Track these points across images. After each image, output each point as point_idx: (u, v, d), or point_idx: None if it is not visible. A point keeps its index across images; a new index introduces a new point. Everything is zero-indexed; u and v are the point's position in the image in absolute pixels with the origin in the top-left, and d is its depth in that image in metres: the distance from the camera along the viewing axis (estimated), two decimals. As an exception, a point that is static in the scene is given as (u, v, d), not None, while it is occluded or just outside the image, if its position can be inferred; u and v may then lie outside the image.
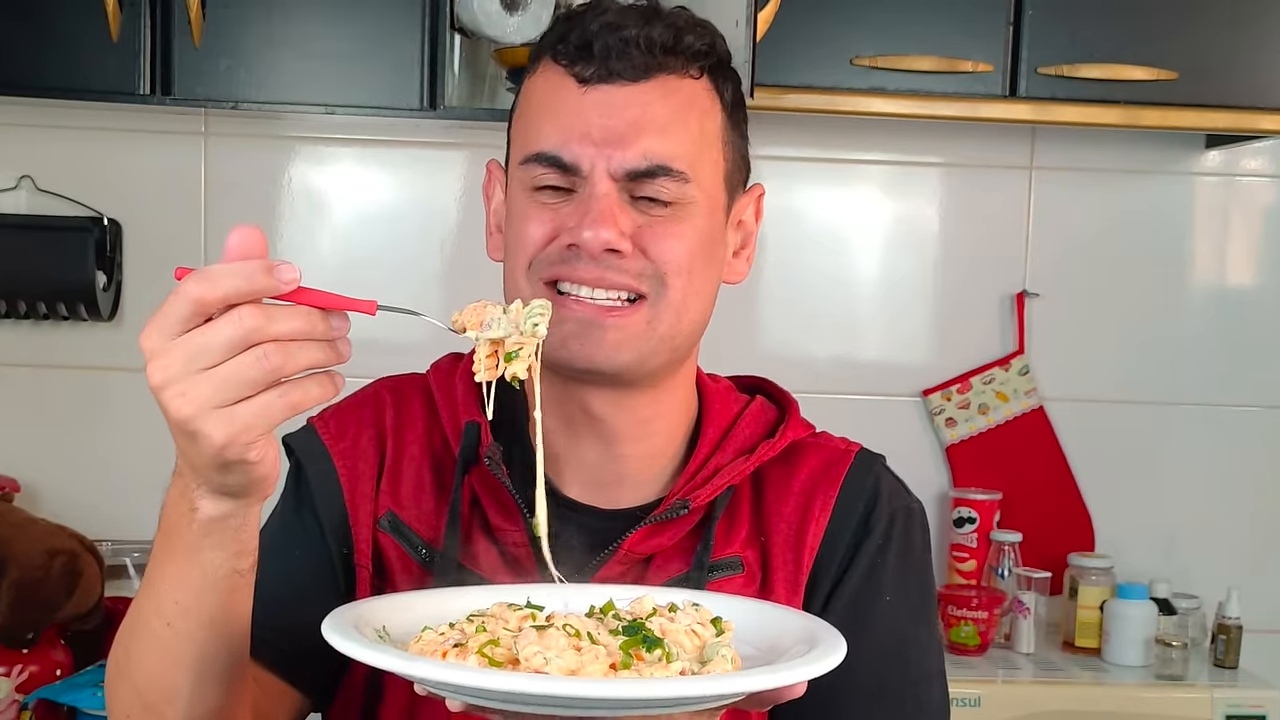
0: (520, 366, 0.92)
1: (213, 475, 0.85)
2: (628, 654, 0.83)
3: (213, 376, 0.80)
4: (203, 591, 0.91)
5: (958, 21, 2.24)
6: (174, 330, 0.81)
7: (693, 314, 1.08)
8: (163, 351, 0.81)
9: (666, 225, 1.05)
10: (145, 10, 2.07)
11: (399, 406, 1.17)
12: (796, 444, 1.15)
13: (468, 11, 2.09)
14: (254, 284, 0.80)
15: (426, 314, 0.93)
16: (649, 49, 1.04)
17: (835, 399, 2.55)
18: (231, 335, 0.80)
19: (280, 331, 0.80)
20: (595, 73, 1.04)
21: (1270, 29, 2.29)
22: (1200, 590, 2.48)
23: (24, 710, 2.03)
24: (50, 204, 2.41)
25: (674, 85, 1.05)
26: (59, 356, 2.45)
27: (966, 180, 2.61)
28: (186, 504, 0.88)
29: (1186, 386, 2.62)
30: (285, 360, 0.81)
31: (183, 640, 0.92)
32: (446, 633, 0.86)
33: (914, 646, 1.12)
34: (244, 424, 0.81)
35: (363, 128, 2.48)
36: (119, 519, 2.42)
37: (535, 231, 1.05)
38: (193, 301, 0.80)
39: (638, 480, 1.13)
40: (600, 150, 1.03)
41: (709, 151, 1.07)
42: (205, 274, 0.80)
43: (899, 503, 1.15)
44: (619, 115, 1.04)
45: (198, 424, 0.81)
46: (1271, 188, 2.64)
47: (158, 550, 0.93)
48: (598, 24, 1.05)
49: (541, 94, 1.08)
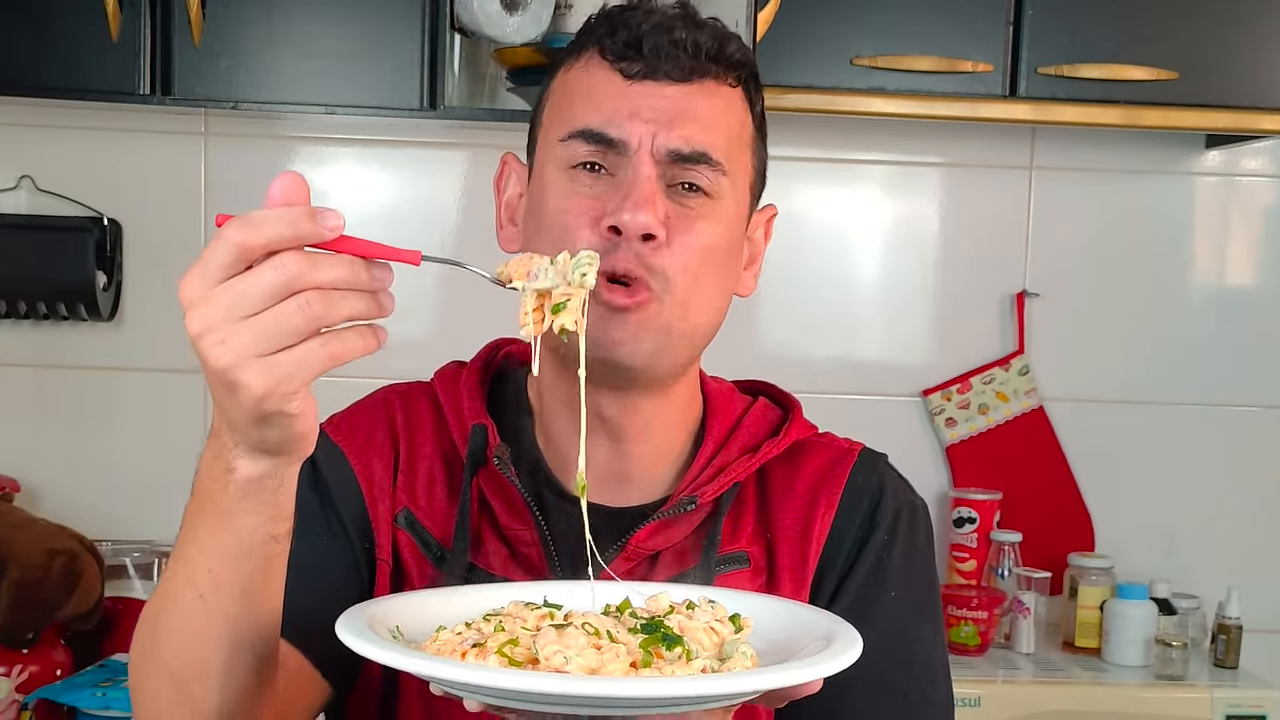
0: (568, 318, 0.90)
1: (251, 430, 0.82)
2: (648, 652, 0.83)
3: (254, 324, 0.78)
4: (238, 559, 0.88)
5: (958, 21, 2.24)
6: (215, 277, 0.78)
7: (702, 316, 1.09)
8: (203, 299, 0.78)
9: (696, 219, 1.06)
10: (145, 10, 2.07)
11: (408, 410, 1.17)
12: (800, 443, 1.16)
13: (468, 11, 2.09)
14: (298, 230, 0.78)
15: (471, 265, 0.91)
16: (695, 53, 1.07)
17: (835, 399, 2.55)
18: (274, 281, 0.78)
19: (323, 279, 0.79)
20: (642, 70, 1.07)
21: (1270, 29, 2.29)
22: (1200, 590, 2.48)
23: (24, 710, 2.03)
24: (50, 204, 2.41)
25: (714, 89, 1.09)
26: (59, 356, 2.45)
27: (966, 180, 2.61)
28: (222, 465, 0.86)
29: (1186, 386, 2.62)
30: (327, 309, 0.79)
31: (214, 613, 0.90)
32: (463, 632, 0.85)
33: (919, 642, 1.13)
34: (284, 373, 0.79)
35: (363, 128, 2.48)
36: (119, 519, 2.43)
37: (574, 217, 1.05)
38: (235, 246, 0.78)
39: (644, 479, 1.14)
40: (648, 128, 1.05)
41: (741, 156, 1.11)
42: (248, 219, 0.78)
43: (903, 499, 1.16)
44: (663, 105, 1.06)
45: (237, 373, 0.79)
46: (1271, 188, 2.64)
47: (190, 518, 0.90)
48: (648, 24, 1.07)
49: (584, 83, 1.09)
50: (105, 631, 2.25)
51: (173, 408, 2.46)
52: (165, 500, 2.43)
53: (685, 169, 1.06)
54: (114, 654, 2.20)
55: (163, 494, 2.46)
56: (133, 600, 2.26)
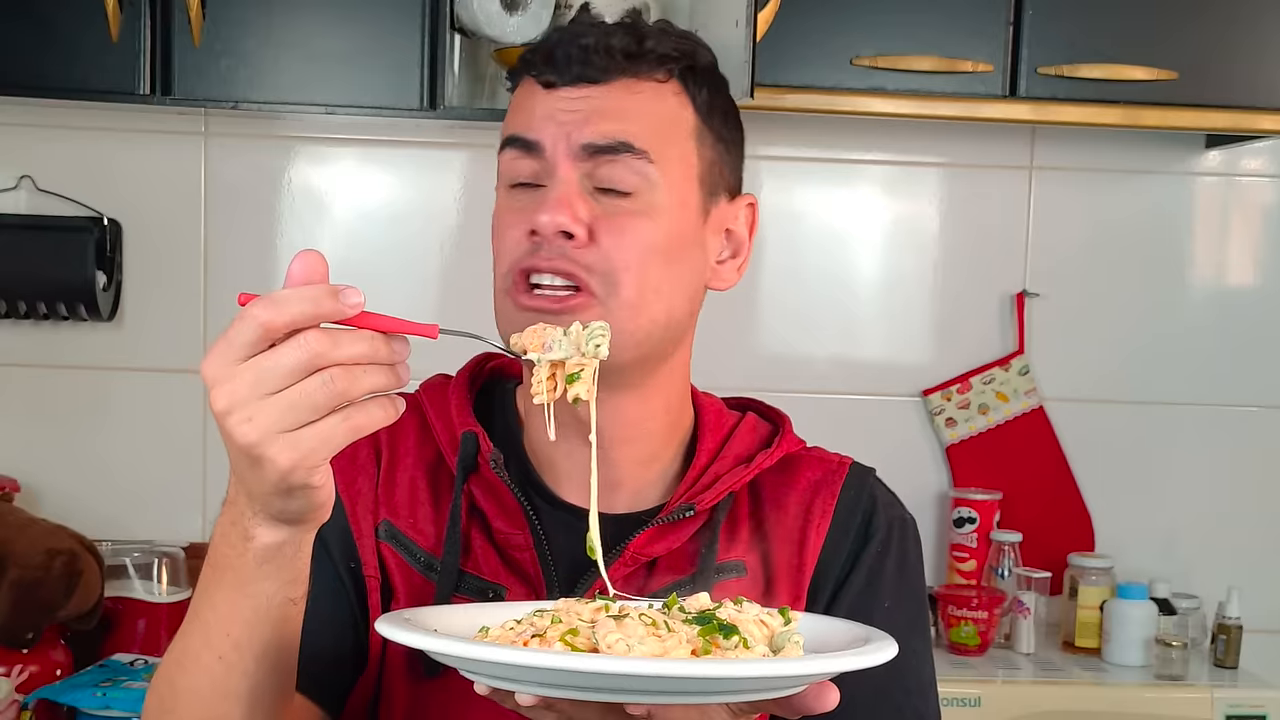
0: (582, 388, 0.96)
1: (273, 501, 0.85)
2: (706, 641, 0.84)
3: (278, 401, 0.80)
4: (255, 624, 0.91)
5: (958, 21, 2.24)
6: (239, 356, 0.80)
7: (658, 313, 1.08)
8: (227, 377, 0.81)
9: (625, 217, 1.06)
10: (145, 10, 2.07)
11: None
12: (791, 456, 1.17)
13: (468, 11, 2.09)
14: (320, 309, 0.81)
15: (487, 338, 0.95)
16: (608, 54, 1.08)
17: (835, 399, 2.55)
18: (298, 360, 0.80)
19: (345, 356, 0.81)
20: (559, 76, 1.09)
21: (1270, 29, 2.29)
22: (1200, 590, 2.48)
23: (24, 710, 2.03)
24: (50, 204, 2.41)
25: (634, 86, 1.09)
26: (59, 356, 2.45)
27: (966, 180, 2.61)
28: (240, 533, 0.88)
29: (1186, 386, 2.62)
30: (350, 385, 0.81)
31: (234, 673, 0.92)
32: (515, 628, 0.86)
33: (911, 656, 1.13)
34: (309, 448, 0.81)
35: (363, 128, 2.48)
36: (119, 519, 2.43)
37: (509, 233, 1.09)
38: (259, 326, 0.80)
39: (633, 484, 1.14)
40: (562, 129, 1.07)
41: (676, 144, 1.09)
42: (272, 299, 0.80)
43: (895, 513, 1.18)
44: (580, 106, 1.08)
45: (263, 448, 0.81)
46: (1271, 188, 2.64)
47: (207, 583, 0.92)
48: (562, 35, 1.10)
49: (514, 101, 1.14)
50: (105, 631, 2.25)
51: (172, 408, 2.46)
52: (165, 500, 2.46)
53: (606, 161, 1.06)
54: (114, 654, 2.21)
55: (163, 494, 2.48)
56: (133, 600, 2.26)
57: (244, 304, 0.81)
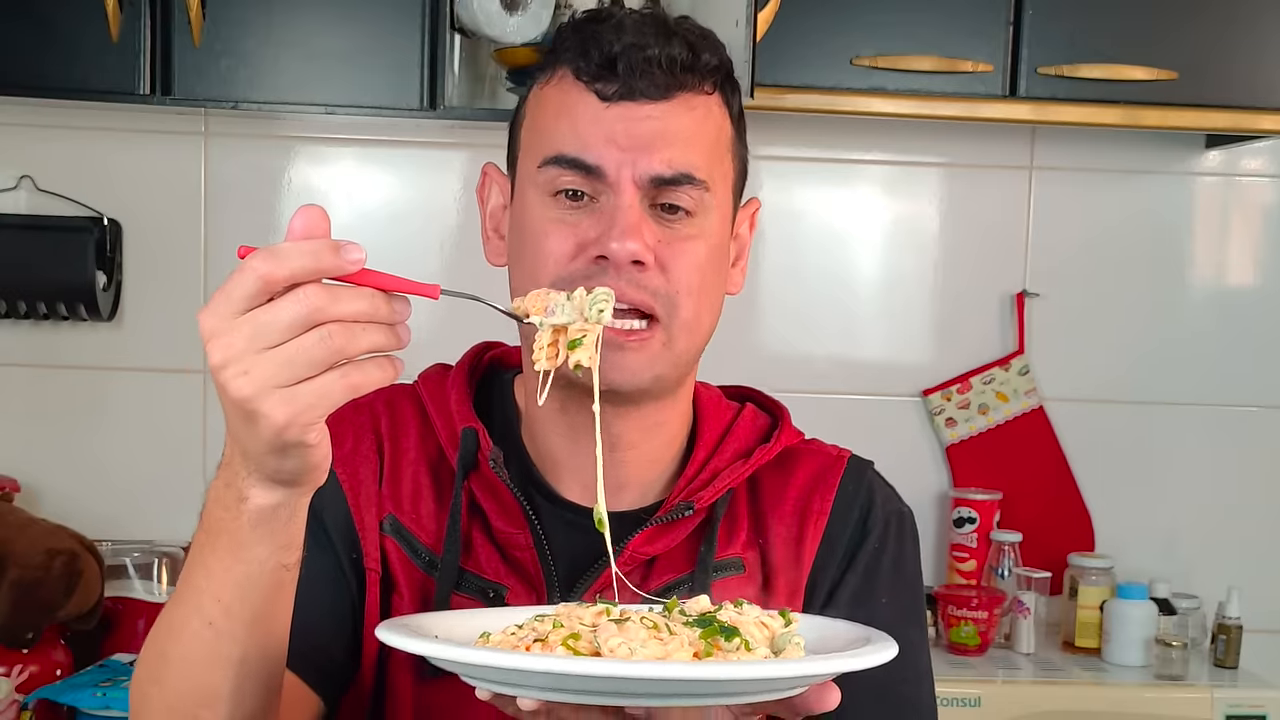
0: (584, 354, 0.93)
1: (268, 460, 0.84)
2: (708, 643, 0.84)
3: (275, 355, 0.79)
4: (248, 588, 0.89)
5: (958, 21, 2.24)
6: (237, 309, 0.79)
7: (705, 328, 1.10)
8: (225, 330, 0.79)
9: (684, 241, 1.07)
10: (145, 10, 2.07)
11: (392, 414, 1.17)
12: (790, 450, 1.17)
13: (468, 11, 2.09)
14: (321, 263, 0.79)
15: (489, 299, 0.93)
16: (670, 68, 1.06)
17: (835, 399, 2.55)
18: (296, 314, 0.79)
19: (344, 312, 0.80)
20: (618, 91, 1.06)
21: (1270, 29, 2.29)
22: (1200, 590, 2.48)
23: (24, 710, 2.03)
24: (50, 204, 2.41)
25: (692, 102, 1.08)
26: (59, 356, 2.45)
27: (966, 180, 2.61)
28: (235, 494, 0.87)
29: (1186, 386, 2.62)
30: (348, 341, 0.80)
31: (224, 640, 0.91)
32: (516, 633, 0.86)
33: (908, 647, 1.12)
34: (305, 404, 0.80)
35: (363, 128, 2.48)
36: (119, 519, 2.43)
37: (557, 246, 1.06)
38: (259, 279, 0.78)
39: (639, 483, 1.14)
40: (626, 155, 1.05)
41: (722, 163, 1.10)
42: (273, 251, 0.79)
43: (892, 507, 1.18)
44: (641, 127, 1.05)
45: (258, 403, 0.80)
46: (1271, 188, 2.64)
47: (199, 548, 0.91)
48: (621, 44, 1.06)
49: (558, 103, 1.08)
50: (105, 631, 2.25)
51: (172, 408, 2.47)
52: (165, 500, 2.46)
53: (668, 190, 1.06)
54: (114, 654, 2.21)
55: (163, 494, 2.48)
56: (133, 600, 2.26)
57: (244, 256, 0.80)
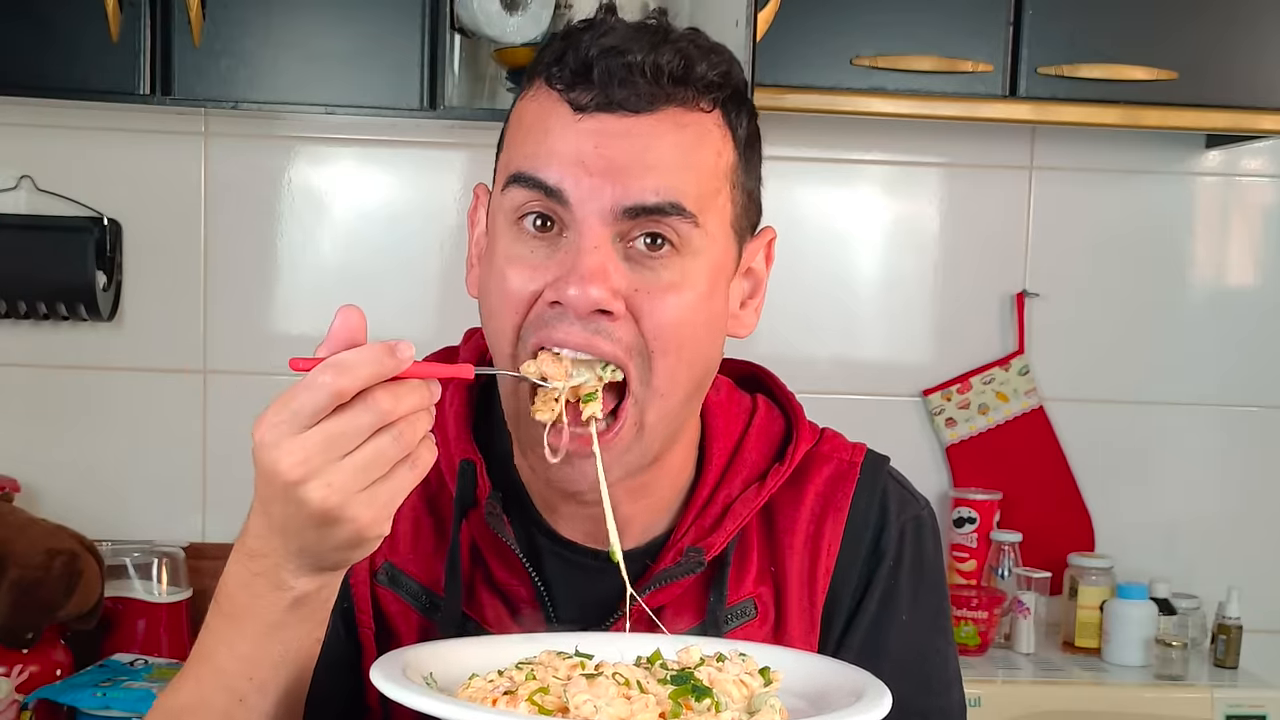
0: (596, 406, 0.95)
1: (333, 554, 0.85)
2: (677, 703, 0.83)
3: (354, 462, 0.81)
4: (283, 666, 0.91)
5: (958, 21, 2.24)
6: (305, 423, 0.81)
7: (684, 389, 0.99)
8: (294, 445, 0.81)
9: (664, 289, 0.94)
10: (145, 10, 2.07)
11: None
12: (804, 456, 1.10)
13: (468, 11, 2.09)
14: (383, 368, 0.81)
15: (517, 372, 0.95)
16: (655, 78, 0.93)
17: (835, 399, 2.55)
18: (370, 420, 0.81)
19: (406, 409, 0.82)
20: (594, 100, 0.93)
21: (1270, 29, 2.29)
22: (1200, 590, 2.48)
23: (24, 710, 2.03)
24: (50, 204, 2.41)
25: (682, 119, 0.94)
26: (59, 356, 2.45)
27: (966, 180, 2.61)
28: (269, 583, 0.87)
29: (1186, 386, 2.62)
30: (414, 435, 0.83)
31: (254, 715, 0.92)
32: (496, 680, 0.86)
33: (934, 659, 1.11)
34: (384, 501, 0.83)
35: (363, 128, 2.48)
36: (119, 519, 2.43)
37: (518, 286, 0.95)
38: (330, 394, 0.80)
39: (643, 522, 1.07)
40: (595, 181, 0.92)
41: (718, 196, 0.97)
42: (340, 365, 0.80)
43: (907, 515, 1.11)
44: (618, 146, 0.92)
45: (343, 510, 0.82)
46: (1271, 188, 2.64)
47: (220, 630, 0.91)
48: (598, 47, 0.93)
49: (532, 117, 0.97)
50: (105, 631, 2.25)
51: (172, 408, 2.46)
52: (165, 500, 2.46)
53: (647, 220, 0.93)
54: (114, 654, 2.20)
55: (163, 494, 2.48)
56: (133, 600, 2.26)
57: (299, 369, 0.82)
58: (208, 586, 1.33)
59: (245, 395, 2.45)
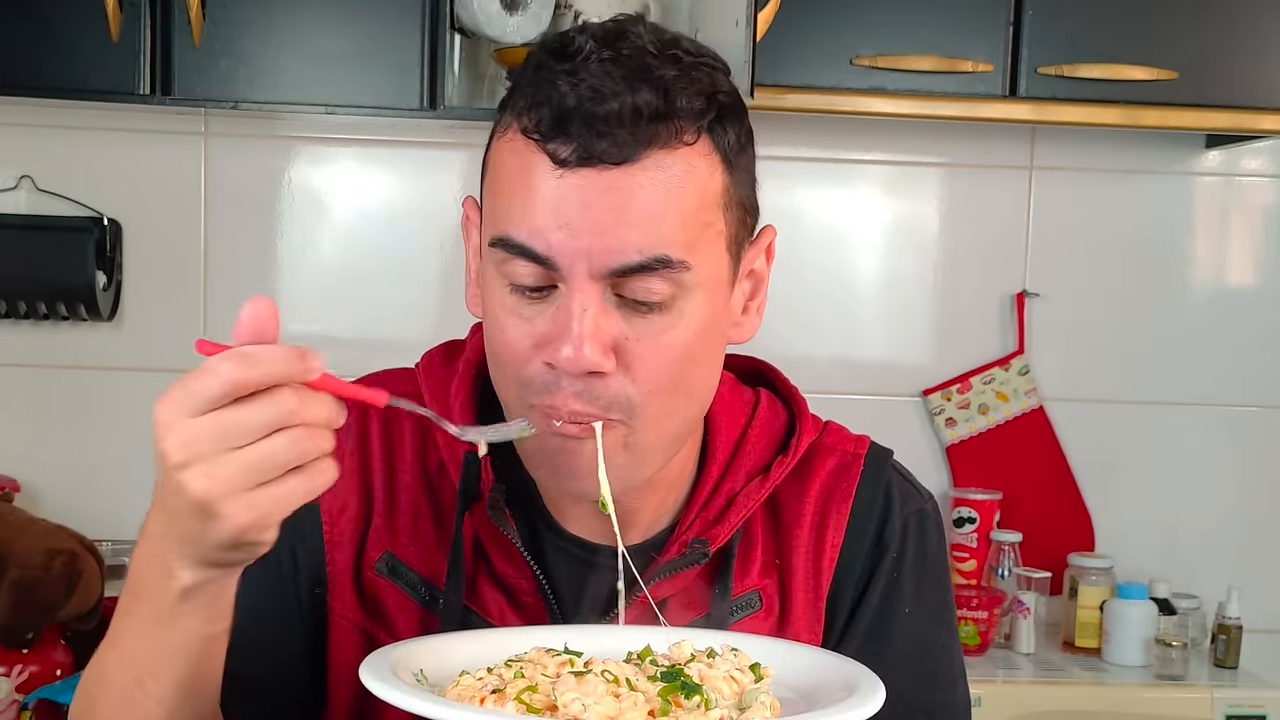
0: None
1: (213, 552, 0.82)
2: (666, 700, 0.82)
3: (243, 457, 0.79)
4: (174, 655, 0.88)
5: (958, 21, 2.24)
6: (200, 408, 0.79)
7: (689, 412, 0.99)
8: (186, 428, 0.80)
9: (657, 336, 0.93)
10: (145, 10, 2.07)
11: (386, 426, 1.07)
12: (807, 448, 1.09)
13: (468, 11, 2.09)
14: (290, 370, 0.79)
15: (436, 417, 0.92)
16: (634, 123, 0.89)
17: (835, 399, 2.54)
18: (269, 417, 0.78)
19: (311, 417, 0.80)
20: (573, 154, 0.89)
21: (1270, 29, 2.29)
22: (1200, 590, 2.48)
23: (24, 710, 2.03)
24: (50, 204, 2.41)
25: (666, 161, 0.90)
26: (59, 356, 2.45)
27: (966, 180, 2.61)
28: (161, 568, 0.85)
29: (1187, 386, 2.62)
30: (313, 446, 0.80)
31: (150, 699, 0.90)
32: (485, 678, 0.85)
33: (938, 653, 1.10)
34: (268, 508, 0.80)
35: (363, 128, 2.48)
36: (119, 519, 2.42)
37: (514, 342, 0.94)
38: (229, 383, 0.78)
39: (648, 518, 1.07)
40: (580, 243, 0.89)
41: (709, 227, 0.94)
42: (244, 356, 0.78)
43: (911, 508, 1.11)
44: (601, 204, 0.89)
45: (221, 505, 0.79)
46: (1271, 188, 2.64)
47: (126, 608, 0.90)
48: (574, 96, 0.89)
49: (512, 169, 0.93)
50: (105, 631, 2.25)
51: (173, 408, 2.46)
52: (165, 500, 2.46)
53: (632, 281, 0.91)
54: (114, 654, 2.20)
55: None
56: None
57: (205, 352, 0.80)
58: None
59: (245, 395, 2.45)
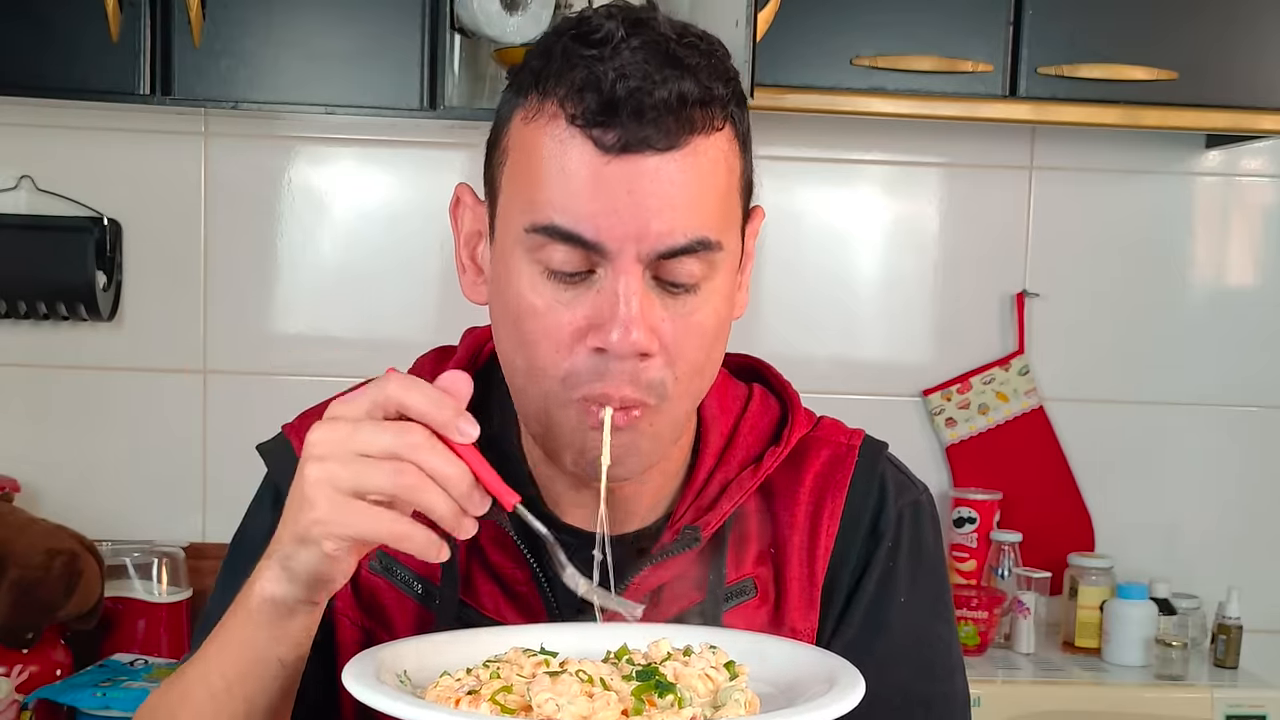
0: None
1: (287, 545, 0.87)
2: (639, 699, 0.83)
3: (352, 464, 0.83)
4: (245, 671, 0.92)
5: (958, 21, 2.24)
6: (359, 414, 0.84)
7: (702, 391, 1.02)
8: (335, 426, 0.85)
9: (688, 315, 0.95)
10: (145, 10, 2.07)
11: None
12: (801, 440, 1.10)
13: (468, 11, 2.09)
14: (438, 413, 0.83)
15: (556, 544, 0.93)
16: (680, 107, 0.91)
17: (835, 399, 2.54)
18: (392, 442, 0.83)
19: (430, 464, 0.83)
20: (621, 140, 0.90)
21: (1270, 29, 2.29)
22: (1200, 590, 2.48)
23: (24, 710, 2.03)
24: (50, 204, 2.41)
25: (703, 146, 0.93)
26: (59, 356, 2.45)
27: (966, 180, 2.61)
28: (256, 576, 0.90)
29: (1187, 386, 2.62)
30: (415, 489, 0.83)
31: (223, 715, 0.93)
32: (462, 679, 0.86)
33: (935, 644, 1.10)
34: (346, 518, 0.83)
35: (363, 128, 2.48)
36: (119, 519, 2.43)
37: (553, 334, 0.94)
38: (386, 397, 0.84)
39: (643, 508, 1.08)
40: (630, 227, 0.91)
41: (735, 208, 0.98)
42: (411, 384, 0.84)
43: (906, 499, 1.11)
44: (648, 189, 0.91)
45: (311, 489, 0.84)
46: (1271, 188, 2.64)
47: (224, 619, 0.94)
48: (624, 84, 0.90)
49: (550, 152, 0.93)
50: (105, 631, 2.25)
51: (172, 408, 2.47)
52: (165, 500, 2.46)
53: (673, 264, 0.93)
54: (114, 654, 2.21)
55: (163, 494, 2.48)
56: (133, 600, 2.26)
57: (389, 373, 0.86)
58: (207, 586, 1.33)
59: (245, 395, 2.45)
